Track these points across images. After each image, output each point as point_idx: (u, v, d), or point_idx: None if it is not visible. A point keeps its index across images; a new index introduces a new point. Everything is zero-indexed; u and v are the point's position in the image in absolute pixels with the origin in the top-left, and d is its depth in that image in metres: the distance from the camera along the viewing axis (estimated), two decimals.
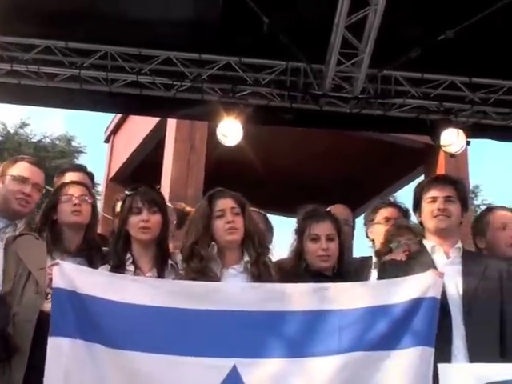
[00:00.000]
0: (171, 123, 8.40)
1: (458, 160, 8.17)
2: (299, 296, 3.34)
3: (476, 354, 3.31)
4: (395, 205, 4.75)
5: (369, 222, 4.73)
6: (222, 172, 8.48)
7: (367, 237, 4.70)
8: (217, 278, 3.49)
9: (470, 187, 22.21)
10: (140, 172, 9.48)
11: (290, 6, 5.11)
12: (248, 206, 3.68)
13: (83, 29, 5.31)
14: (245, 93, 5.62)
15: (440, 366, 3.19)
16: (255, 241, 3.59)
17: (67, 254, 3.71)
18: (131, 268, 3.57)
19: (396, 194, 10.42)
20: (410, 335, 3.20)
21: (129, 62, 5.53)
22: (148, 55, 5.54)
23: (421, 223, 3.80)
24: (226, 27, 5.27)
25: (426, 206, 3.69)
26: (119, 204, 3.95)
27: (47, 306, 3.45)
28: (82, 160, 17.66)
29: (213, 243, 3.54)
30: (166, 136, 8.58)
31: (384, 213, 4.61)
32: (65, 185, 3.98)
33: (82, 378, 3.17)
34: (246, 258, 3.56)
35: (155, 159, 8.71)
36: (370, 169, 9.63)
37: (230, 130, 5.50)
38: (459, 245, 3.67)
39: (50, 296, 3.51)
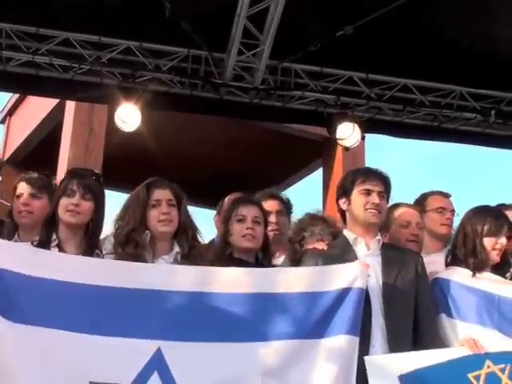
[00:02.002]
0: (70, 106, 8.21)
1: (355, 154, 8.38)
2: (228, 278, 3.33)
3: (393, 343, 3.40)
4: (275, 197, 4.72)
5: None
6: (122, 157, 8.40)
7: None
8: None
9: None
10: (36, 155, 9.22)
11: None
12: (185, 199, 3.68)
13: None
14: (145, 78, 5.57)
15: (366, 358, 3.30)
16: (189, 234, 3.60)
17: None
18: (55, 250, 3.49)
19: (295, 186, 10.65)
20: (337, 324, 3.24)
21: (25, 40, 5.36)
22: (46, 35, 5.39)
23: (343, 212, 3.81)
24: (128, 11, 5.20)
25: (359, 197, 3.68)
26: None
27: None
28: None
29: (147, 232, 3.55)
30: (64, 119, 8.37)
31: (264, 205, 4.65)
32: None
33: None
34: (177, 249, 3.57)
35: (53, 142, 8.47)
36: (270, 160, 9.73)
37: (129, 116, 5.43)
38: (379, 237, 3.73)
39: None
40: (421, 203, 4.44)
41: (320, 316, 3.27)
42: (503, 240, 3.76)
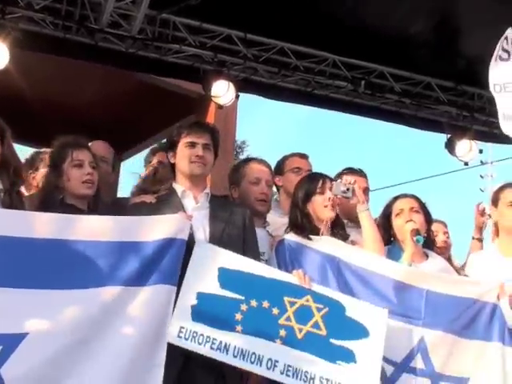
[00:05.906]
0: None
1: (228, 112, 8.41)
2: (47, 223, 3.29)
3: None
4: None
5: (147, 164, 4.86)
6: None
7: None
8: None
9: (238, 142, 23.13)
10: None
11: None
12: (8, 133, 3.55)
13: None
14: (15, 15, 5.30)
15: (197, 240, 3.46)
16: (10, 170, 3.50)
17: None
18: None
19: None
20: (157, 273, 3.29)
21: None
22: None
23: (172, 165, 3.84)
24: None
25: (184, 150, 3.73)
26: None
27: None
28: None
29: None
30: None
31: (158, 157, 4.72)
32: None
33: None
34: (0, 187, 3.46)
35: None
36: (141, 112, 9.54)
37: None
38: (207, 190, 3.79)
39: None
40: (280, 166, 4.58)
41: (140, 265, 3.30)
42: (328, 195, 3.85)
